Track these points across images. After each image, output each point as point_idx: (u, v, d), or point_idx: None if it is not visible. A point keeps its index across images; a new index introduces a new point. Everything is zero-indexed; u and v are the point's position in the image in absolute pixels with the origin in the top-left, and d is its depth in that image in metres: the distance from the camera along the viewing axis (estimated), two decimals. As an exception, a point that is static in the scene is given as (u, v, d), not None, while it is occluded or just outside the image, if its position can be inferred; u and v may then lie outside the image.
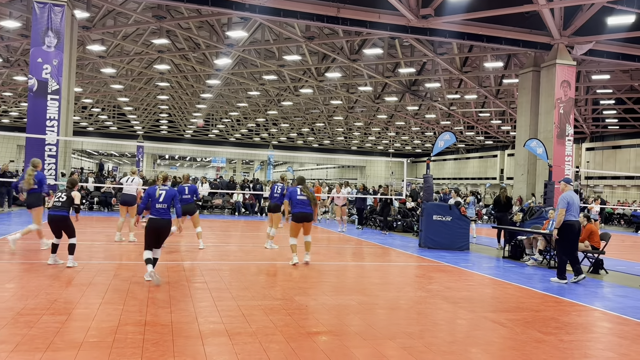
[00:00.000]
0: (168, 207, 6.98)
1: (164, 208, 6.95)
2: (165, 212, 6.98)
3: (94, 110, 48.56)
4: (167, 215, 6.99)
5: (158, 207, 6.94)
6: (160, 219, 6.95)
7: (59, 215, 7.86)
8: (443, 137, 14.02)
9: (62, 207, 7.92)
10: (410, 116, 42.81)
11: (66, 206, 7.96)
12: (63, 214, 7.88)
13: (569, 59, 22.86)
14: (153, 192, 7.11)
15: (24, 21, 23.79)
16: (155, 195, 7.05)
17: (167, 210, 6.98)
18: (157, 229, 6.94)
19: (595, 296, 8.00)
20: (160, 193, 7.05)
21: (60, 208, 7.91)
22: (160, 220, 6.94)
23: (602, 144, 44.98)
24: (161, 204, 6.96)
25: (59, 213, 7.87)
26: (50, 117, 19.49)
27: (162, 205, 6.97)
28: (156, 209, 6.93)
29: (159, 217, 6.94)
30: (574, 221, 8.95)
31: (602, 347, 5.18)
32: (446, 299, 7.03)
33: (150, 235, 6.94)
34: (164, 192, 7.10)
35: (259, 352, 4.45)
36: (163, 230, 7.03)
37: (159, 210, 6.96)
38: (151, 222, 6.93)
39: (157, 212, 6.95)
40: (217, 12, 21.56)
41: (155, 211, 6.94)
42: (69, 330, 4.80)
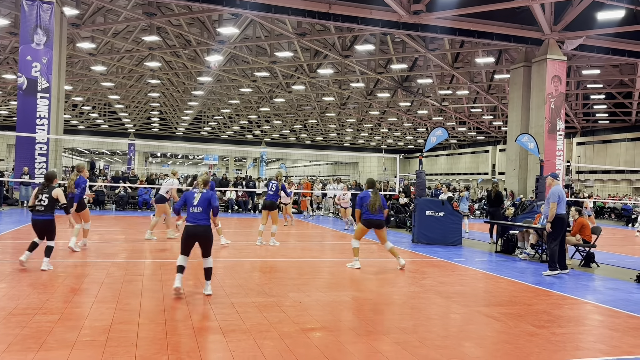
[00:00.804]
0: (204, 211, 6.34)
1: (200, 212, 6.31)
2: (202, 216, 6.32)
3: (85, 108, 48.23)
4: (204, 220, 6.31)
5: (193, 212, 6.31)
6: (196, 226, 6.29)
7: (43, 219, 7.44)
8: (435, 133, 14.05)
9: (46, 210, 7.43)
10: (403, 112, 42.88)
11: (50, 209, 7.46)
12: (48, 218, 7.46)
13: (560, 54, 22.97)
14: (189, 196, 6.49)
15: (13, 19, 23.56)
16: (191, 198, 6.43)
17: (203, 214, 6.33)
18: (192, 237, 6.31)
19: (586, 289, 8.07)
20: (195, 196, 6.41)
21: (43, 212, 7.42)
22: (195, 227, 6.29)
23: (593, 139, 45.29)
24: (196, 208, 6.32)
25: (43, 217, 7.43)
26: (40, 116, 19.34)
27: (197, 209, 6.31)
28: (191, 213, 6.33)
29: (195, 224, 6.29)
30: (564, 214, 9.18)
31: (593, 340, 5.22)
32: (439, 294, 7.06)
33: (185, 242, 6.36)
34: (199, 194, 6.43)
35: (253, 349, 4.45)
36: (200, 238, 6.32)
37: (194, 216, 6.32)
38: (186, 229, 6.34)
39: (192, 217, 6.32)
40: (208, 9, 21.45)
41: (190, 217, 6.34)
42: (61, 329, 4.78)
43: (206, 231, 6.33)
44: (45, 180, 7.62)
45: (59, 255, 9.00)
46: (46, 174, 7.71)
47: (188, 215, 6.35)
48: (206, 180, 6.66)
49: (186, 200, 6.47)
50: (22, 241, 10.59)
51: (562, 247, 9.37)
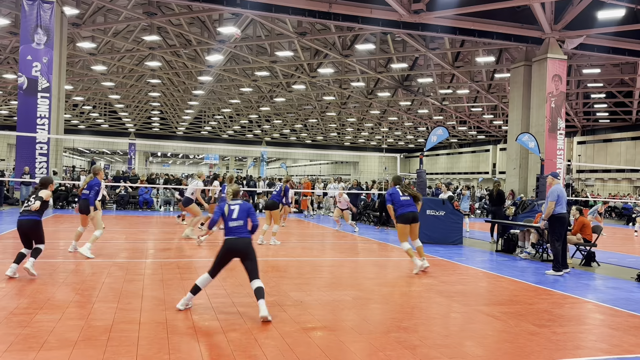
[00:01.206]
0: (245, 224, 5.73)
1: (241, 225, 5.68)
2: (244, 229, 5.71)
3: (85, 108, 48.26)
4: (246, 233, 5.70)
5: (232, 226, 5.66)
6: (238, 239, 5.60)
7: (28, 219, 6.91)
8: (436, 132, 14.06)
9: (33, 211, 6.94)
10: (403, 111, 42.87)
11: (37, 209, 6.95)
12: (33, 218, 6.92)
13: (560, 53, 22.97)
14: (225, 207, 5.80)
15: (13, 18, 23.57)
16: (227, 213, 5.73)
17: (244, 227, 5.72)
18: (232, 252, 5.60)
19: (587, 288, 8.07)
20: (232, 209, 5.74)
21: (30, 212, 6.93)
22: (237, 240, 5.59)
23: (593, 138, 45.28)
24: (236, 221, 5.68)
25: (29, 217, 6.91)
26: (40, 115, 19.36)
27: (238, 223, 5.68)
28: (230, 227, 5.66)
29: (236, 237, 5.62)
30: (564, 213, 9.17)
31: (594, 339, 5.22)
32: (440, 293, 7.06)
33: (222, 258, 5.63)
34: (236, 206, 5.77)
35: (254, 348, 4.45)
36: (242, 254, 5.59)
37: (234, 229, 5.66)
38: (225, 244, 5.62)
39: (232, 231, 5.65)
40: (208, 8, 21.46)
41: (229, 231, 5.66)
42: (62, 329, 4.78)
43: (249, 245, 5.64)
44: (40, 184, 7.27)
45: (59, 255, 9.01)
46: (42, 178, 7.40)
47: (227, 230, 5.70)
48: (236, 190, 6.04)
49: (223, 213, 5.77)
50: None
51: (564, 246, 9.39)
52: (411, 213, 8.66)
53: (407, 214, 8.64)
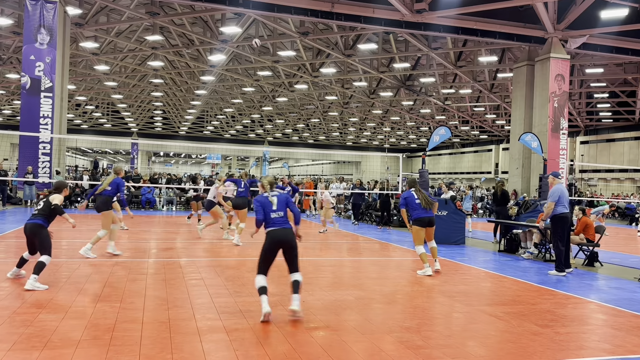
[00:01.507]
0: (285, 215, 5.71)
1: (282, 217, 5.66)
2: (285, 220, 5.67)
3: (88, 107, 48.35)
4: (287, 224, 5.66)
5: (274, 217, 5.63)
6: (282, 229, 5.55)
7: (31, 223, 6.56)
8: (438, 132, 14.04)
9: (38, 215, 6.62)
10: (405, 111, 42.84)
11: (42, 213, 6.63)
12: (37, 222, 6.55)
13: (563, 53, 22.92)
14: (264, 201, 5.72)
15: (16, 18, 23.62)
16: (267, 204, 5.68)
17: (285, 218, 5.69)
18: (277, 243, 5.51)
19: (590, 289, 8.05)
20: (271, 200, 5.70)
21: (35, 216, 6.62)
22: (282, 231, 5.53)
23: (596, 137, 45.17)
24: (276, 212, 5.66)
25: (33, 221, 6.58)
26: (43, 115, 19.41)
27: (278, 214, 5.66)
28: (272, 219, 5.62)
29: (280, 227, 5.56)
30: (566, 213, 9.15)
31: (597, 339, 5.21)
32: (443, 293, 7.05)
33: (268, 252, 5.52)
34: (275, 198, 5.74)
35: (257, 348, 4.46)
36: (286, 244, 5.53)
37: (276, 220, 5.61)
38: (270, 235, 5.54)
39: (274, 222, 5.60)
40: (211, 8, 21.48)
41: (271, 222, 5.61)
42: (66, 328, 4.79)
43: (293, 236, 5.59)
44: (54, 188, 7.04)
45: (62, 254, 9.03)
46: (57, 182, 7.18)
47: (269, 222, 5.64)
48: (272, 181, 5.96)
49: (264, 207, 5.68)
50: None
51: (567, 246, 9.38)
52: (427, 217, 8.65)
53: (424, 217, 8.63)
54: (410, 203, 8.70)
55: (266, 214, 5.63)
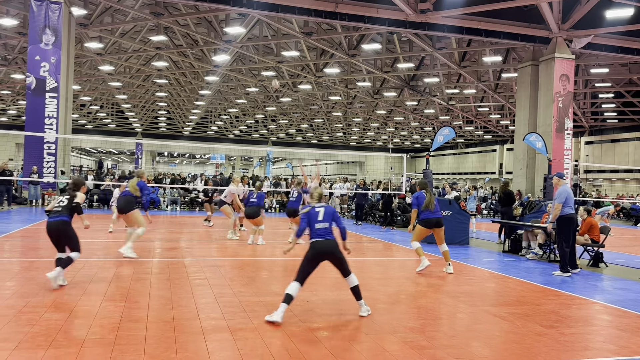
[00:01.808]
0: (330, 227, 5.77)
1: (327, 227, 5.72)
2: (330, 231, 5.74)
3: (93, 107, 48.49)
4: (331, 235, 5.71)
5: (318, 228, 5.69)
6: (325, 240, 5.61)
7: (56, 221, 6.49)
8: (442, 132, 14.02)
9: (62, 211, 6.56)
10: (409, 111, 42.78)
11: (66, 210, 6.59)
12: (62, 219, 6.51)
13: (568, 53, 22.85)
14: (312, 212, 5.81)
15: (22, 19, 23.72)
16: (314, 214, 5.78)
17: (330, 229, 5.76)
18: (321, 254, 5.58)
19: (595, 289, 8.03)
20: (317, 211, 5.78)
21: (59, 213, 6.56)
22: (325, 242, 5.59)
23: (601, 138, 45.00)
24: (321, 223, 5.72)
25: (57, 218, 6.51)
26: (48, 115, 19.48)
27: (323, 225, 5.72)
28: (316, 230, 5.68)
29: (324, 238, 5.62)
30: (573, 214, 9.13)
31: (602, 340, 5.20)
32: (447, 293, 7.04)
33: (310, 261, 5.59)
34: (321, 209, 5.81)
35: (261, 348, 4.47)
36: (330, 255, 5.63)
37: (320, 231, 5.68)
38: (313, 246, 5.62)
39: (318, 233, 5.66)
40: (215, 9, 21.51)
41: (315, 233, 5.68)
42: (71, 327, 4.81)
43: (336, 247, 5.65)
44: (73, 185, 6.89)
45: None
46: (75, 179, 7.01)
47: (313, 233, 5.69)
48: (320, 194, 6.04)
49: (309, 218, 5.78)
50: (31, 240, 10.68)
51: (573, 247, 9.35)
52: (435, 219, 8.74)
53: (431, 219, 8.73)
54: (422, 203, 8.79)
55: (311, 224, 5.70)
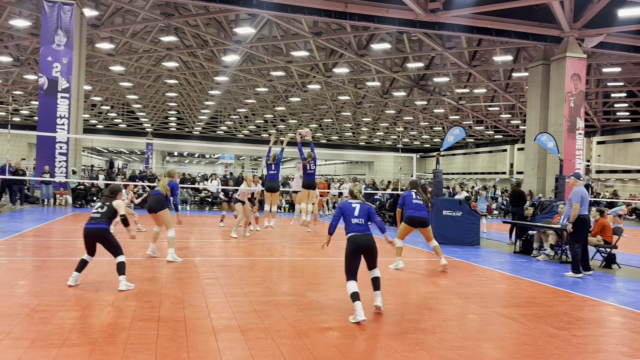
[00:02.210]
0: (366, 222, 5.94)
1: (362, 223, 5.88)
2: (366, 227, 5.90)
3: (104, 108, 48.85)
4: (368, 230, 5.89)
5: (354, 223, 5.88)
6: (362, 234, 5.80)
7: (95, 228, 6.55)
8: (452, 132, 13.96)
9: (101, 218, 6.60)
10: (419, 111, 42.64)
11: (105, 218, 6.63)
12: (100, 227, 6.56)
13: (580, 52, 22.65)
14: (347, 207, 6.01)
15: (34, 20, 23.95)
16: (350, 209, 5.97)
17: (365, 225, 5.91)
18: (359, 248, 5.78)
19: (607, 291, 7.95)
20: (354, 207, 5.97)
21: (98, 220, 6.59)
22: (362, 236, 5.79)
23: (613, 138, 44.54)
24: (357, 219, 5.89)
25: (96, 226, 6.55)
26: (60, 115, 19.66)
27: (359, 220, 5.89)
28: (352, 224, 5.88)
29: (360, 233, 5.81)
30: (587, 215, 9.07)
31: (615, 342, 5.15)
32: (458, 295, 7.01)
33: (352, 255, 5.77)
34: (357, 205, 5.99)
35: (272, 348, 4.47)
36: (367, 249, 5.80)
37: (357, 226, 5.87)
38: (351, 240, 5.81)
39: (356, 227, 5.86)
40: (225, 9, 21.58)
41: (352, 227, 5.87)
42: (83, 326, 4.85)
43: (373, 241, 5.82)
44: (109, 192, 6.91)
45: (78, 253, 9.12)
46: (111, 186, 7.05)
47: (349, 227, 5.89)
48: (360, 190, 6.24)
49: (343, 212, 5.97)
50: (43, 239, 10.78)
51: (585, 249, 9.27)
52: (419, 217, 8.90)
53: (415, 217, 8.90)
54: (407, 202, 9.02)
55: (347, 219, 5.90)
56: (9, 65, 31.25)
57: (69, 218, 15.74)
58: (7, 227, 12.38)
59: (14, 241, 10.22)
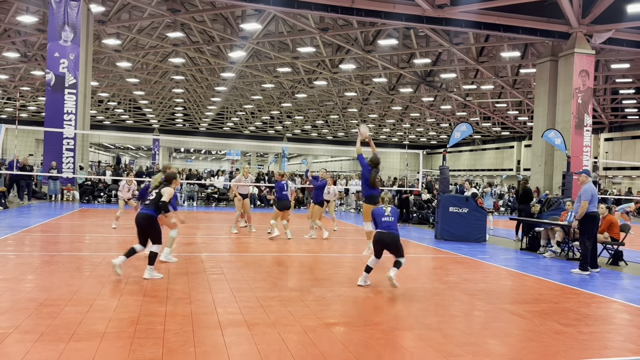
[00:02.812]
0: (395, 222, 7.03)
1: (392, 221, 6.99)
2: (394, 225, 7.00)
3: (110, 104, 49.03)
4: (395, 230, 6.98)
5: (384, 221, 6.97)
6: (388, 232, 6.90)
7: (142, 213, 6.82)
8: (459, 128, 13.90)
9: (150, 205, 6.86)
10: (426, 107, 42.52)
11: (153, 204, 6.85)
12: (147, 213, 6.79)
13: (588, 48, 22.48)
14: (379, 210, 7.07)
15: (41, 16, 24.05)
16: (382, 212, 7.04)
17: (394, 223, 7.02)
18: (385, 244, 6.91)
19: (614, 288, 7.92)
20: (385, 209, 7.06)
21: (147, 206, 6.88)
22: (387, 234, 6.89)
23: (621, 134, 44.25)
24: (387, 217, 7.00)
25: (145, 211, 6.83)
26: (67, 111, 19.75)
27: (389, 219, 7.00)
28: (382, 222, 6.97)
29: (387, 231, 6.91)
30: (596, 212, 9.06)
31: (622, 339, 5.13)
32: (464, 291, 7.00)
33: (377, 248, 6.99)
34: (389, 207, 7.11)
35: (278, 343, 4.49)
36: (390, 245, 6.93)
37: (384, 225, 6.96)
38: (377, 236, 6.97)
39: (382, 226, 6.96)
40: (231, 5, 21.58)
41: (380, 226, 6.97)
42: (90, 320, 4.89)
43: (397, 239, 6.95)
44: (165, 179, 7.17)
45: (85, 249, 9.18)
46: (167, 174, 7.26)
47: (379, 225, 6.97)
48: (391, 198, 7.39)
49: (378, 214, 7.04)
50: (51, 234, 10.85)
51: (594, 246, 9.24)
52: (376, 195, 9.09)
53: (374, 196, 9.09)
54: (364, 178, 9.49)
55: (378, 219, 7.01)
56: (16, 61, 31.42)
57: (76, 214, 15.84)
58: (15, 223, 12.48)
59: (21, 236, 10.30)
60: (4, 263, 7.45)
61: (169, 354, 4.12)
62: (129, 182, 12.93)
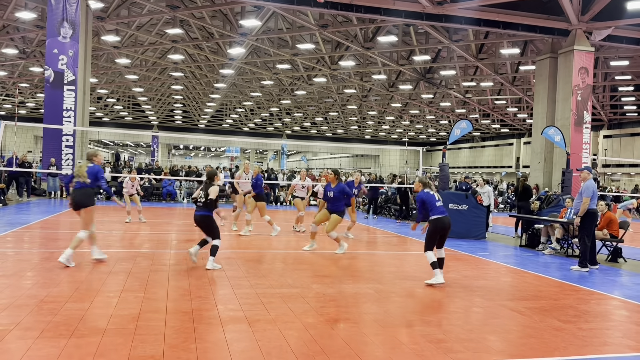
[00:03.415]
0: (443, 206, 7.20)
1: (443, 207, 7.11)
2: (444, 210, 7.11)
3: (109, 100, 48.94)
4: (447, 213, 7.14)
5: (439, 206, 7.07)
6: (445, 217, 7.04)
7: (198, 215, 7.54)
8: (459, 126, 13.91)
9: (203, 206, 7.49)
10: (425, 104, 42.50)
11: (205, 205, 7.49)
12: (203, 214, 7.49)
13: (587, 45, 22.47)
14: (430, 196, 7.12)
15: (40, 12, 23.97)
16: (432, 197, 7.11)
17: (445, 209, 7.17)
18: (444, 228, 7.03)
19: (613, 284, 7.94)
20: (434, 194, 7.16)
21: (200, 208, 7.52)
22: (445, 218, 7.03)
23: (620, 132, 44.29)
24: (439, 202, 7.13)
25: (199, 213, 7.52)
26: (66, 108, 19.72)
27: (441, 203, 7.14)
28: (437, 208, 7.04)
29: (443, 215, 7.03)
30: (596, 209, 9.13)
31: (621, 335, 5.15)
32: (463, 288, 7.02)
33: (436, 234, 7.03)
34: (435, 194, 7.23)
35: (279, 339, 4.50)
36: (448, 229, 7.10)
37: (439, 210, 7.04)
38: (436, 222, 7.00)
39: (438, 211, 7.03)
40: (231, 1, 21.54)
41: (436, 212, 7.02)
42: (91, 317, 4.89)
43: (451, 223, 7.12)
44: (207, 178, 7.69)
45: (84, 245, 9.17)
46: (209, 172, 7.86)
47: (435, 210, 7.02)
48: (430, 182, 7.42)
49: (428, 200, 7.08)
50: (50, 231, 10.85)
51: (593, 243, 9.28)
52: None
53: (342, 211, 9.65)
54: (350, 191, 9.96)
55: (431, 205, 7.03)
56: (14, 57, 31.34)
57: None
58: (14, 219, 12.48)
59: (21, 233, 10.30)
60: (3, 260, 7.46)
61: (169, 350, 4.13)
62: (132, 179, 12.92)
